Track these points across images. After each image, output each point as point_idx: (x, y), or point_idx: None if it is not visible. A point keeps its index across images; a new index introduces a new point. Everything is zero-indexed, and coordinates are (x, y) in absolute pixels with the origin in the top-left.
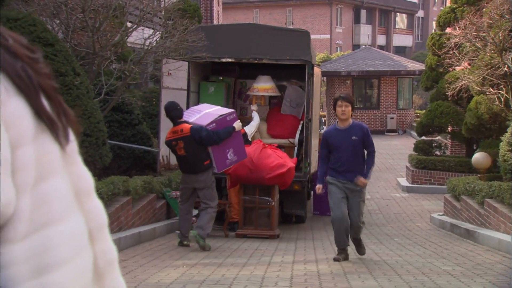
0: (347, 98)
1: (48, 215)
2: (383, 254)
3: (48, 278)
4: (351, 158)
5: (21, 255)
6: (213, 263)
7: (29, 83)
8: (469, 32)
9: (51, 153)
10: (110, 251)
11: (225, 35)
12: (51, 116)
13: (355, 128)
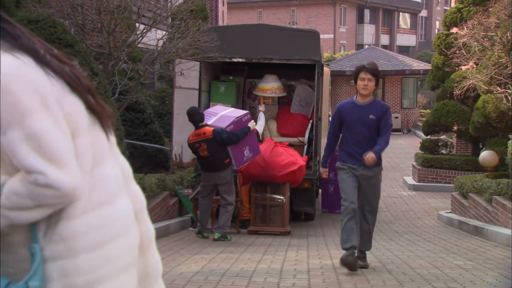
0: (372, 69)
1: (103, 196)
2: (394, 249)
3: (105, 250)
4: (366, 140)
5: (78, 230)
6: (230, 257)
7: (78, 82)
8: (477, 32)
9: (102, 142)
10: (150, 230)
11: (236, 36)
12: (99, 110)
13: (375, 106)
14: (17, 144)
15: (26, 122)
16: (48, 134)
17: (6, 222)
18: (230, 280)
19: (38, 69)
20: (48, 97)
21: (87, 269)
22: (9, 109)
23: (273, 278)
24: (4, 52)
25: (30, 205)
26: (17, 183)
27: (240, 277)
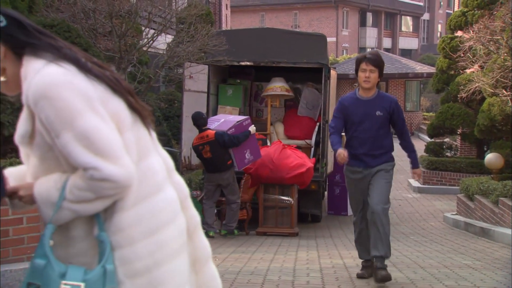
0: (374, 59)
1: (151, 186)
2: (402, 250)
3: (158, 236)
4: (373, 139)
5: (132, 220)
6: (243, 257)
7: (119, 85)
8: (483, 35)
9: (145, 137)
10: (195, 216)
11: (244, 39)
12: (139, 108)
13: (381, 100)
14: (71, 144)
15: (76, 123)
16: (97, 132)
17: (72, 214)
18: (245, 278)
19: (81, 75)
20: (92, 99)
21: (145, 254)
22: (59, 114)
23: (287, 277)
24: (49, 62)
25: (92, 197)
26: (78, 179)
27: (255, 275)
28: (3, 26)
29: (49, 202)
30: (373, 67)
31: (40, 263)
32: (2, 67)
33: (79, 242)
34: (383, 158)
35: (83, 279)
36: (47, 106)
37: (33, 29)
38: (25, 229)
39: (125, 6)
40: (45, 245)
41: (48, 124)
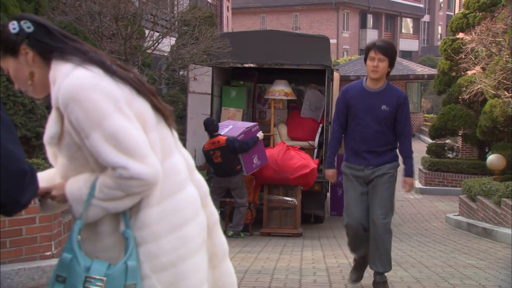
0: (384, 47)
1: (174, 185)
2: (406, 250)
3: (182, 231)
4: (375, 137)
5: (157, 216)
6: (249, 257)
7: (143, 86)
8: (485, 37)
9: (168, 137)
10: (214, 214)
11: (248, 41)
12: (162, 109)
13: (389, 94)
14: (100, 145)
15: (104, 124)
16: (124, 132)
17: (102, 212)
18: (253, 277)
19: (107, 77)
20: (119, 100)
21: (169, 249)
22: (88, 115)
23: (294, 275)
24: (77, 66)
25: (121, 195)
26: (107, 178)
27: (263, 274)
28: (31, 32)
29: (80, 201)
30: (383, 56)
31: (67, 256)
32: (31, 72)
33: (105, 237)
34: (387, 156)
35: (106, 274)
36: (77, 108)
37: (59, 34)
38: (38, 228)
39: (130, 9)
40: (73, 240)
41: (78, 125)
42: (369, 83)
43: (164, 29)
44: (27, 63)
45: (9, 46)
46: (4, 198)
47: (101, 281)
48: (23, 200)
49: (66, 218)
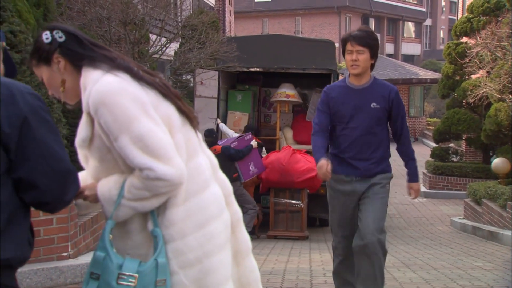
0: (361, 37)
1: (199, 183)
2: (413, 252)
3: (207, 229)
4: (367, 138)
5: (183, 214)
6: (258, 259)
7: (168, 90)
8: (490, 41)
9: (193, 138)
10: (238, 212)
11: (254, 46)
12: (187, 111)
13: (378, 89)
14: (128, 147)
15: (132, 128)
16: (151, 135)
17: (131, 211)
18: (265, 278)
19: (135, 82)
20: (146, 104)
21: (196, 246)
22: (117, 119)
23: (304, 276)
24: (106, 72)
25: (148, 195)
26: (135, 179)
27: (274, 275)
28: (63, 41)
29: (110, 201)
30: (361, 47)
31: (100, 255)
32: (62, 79)
33: (135, 235)
34: (379, 165)
35: (138, 271)
36: (106, 113)
37: (88, 43)
38: (55, 229)
39: (138, 14)
40: (106, 239)
41: (107, 129)
42: (352, 79)
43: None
44: (59, 71)
45: (43, 55)
46: (50, 196)
47: (133, 278)
48: (67, 197)
49: (82, 220)
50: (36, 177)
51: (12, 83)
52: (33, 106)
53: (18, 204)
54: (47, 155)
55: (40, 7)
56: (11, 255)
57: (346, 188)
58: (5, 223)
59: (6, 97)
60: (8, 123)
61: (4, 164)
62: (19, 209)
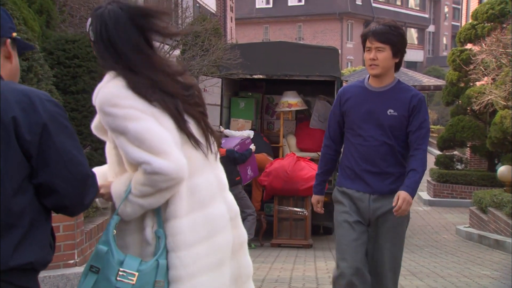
0: (382, 32)
1: (200, 200)
2: (418, 261)
3: (214, 240)
4: (382, 150)
5: (186, 226)
6: (263, 267)
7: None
8: (495, 48)
9: (195, 158)
10: (243, 235)
11: (257, 53)
12: (190, 132)
13: (398, 94)
14: (126, 145)
15: (129, 128)
16: (147, 132)
17: (140, 209)
18: (271, 286)
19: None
20: (146, 111)
21: (189, 262)
22: (116, 120)
23: (311, 284)
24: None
25: (151, 191)
26: (139, 175)
27: (280, 283)
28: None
29: (122, 199)
30: (381, 44)
31: (103, 249)
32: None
33: (127, 235)
34: (397, 182)
35: (138, 269)
36: (106, 113)
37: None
38: (62, 237)
39: None
40: (110, 233)
41: (108, 128)
42: (371, 81)
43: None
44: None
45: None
46: (70, 200)
47: (133, 276)
48: (86, 201)
49: (88, 227)
50: (56, 182)
51: (30, 90)
52: (52, 113)
53: (39, 209)
54: (67, 160)
55: (42, 14)
56: (35, 258)
57: (358, 204)
58: (27, 227)
59: (26, 105)
60: (29, 131)
61: (25, 171)
62: (41, 214)
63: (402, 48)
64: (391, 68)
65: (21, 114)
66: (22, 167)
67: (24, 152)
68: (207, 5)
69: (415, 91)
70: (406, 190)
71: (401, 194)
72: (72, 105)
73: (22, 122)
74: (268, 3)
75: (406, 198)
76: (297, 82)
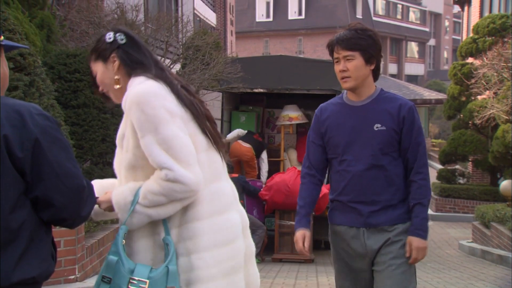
0: (347, 38)
1: (220, 205)
2: (421, 276)
3: (229, 247)
4: (371, 174)
5: (208, 228)
6: (265, 282)
7: (200, 111)
8: (496, 62)
9: (217, 161)
10: (252, 246)
11: (258, 67)
12: (214, 134)
13: (383, 105)
14: (152, 146)
15: (160, 129)
16: (176, 139)
17: (146, 218)
18: None
19: (173, 96)
20: (176, 114)
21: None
22: (147, 118)
23: None
24: (149, 78)
25: (164, 201)
26: (152, 182)
27: None
28: (123, 44)
29: (126, 209)
30: (349, 52)
31: (113, 259)
32: (117, 78)
33: (134, 242)
34: (396, 211)
35: (149, 277)
36: (138, 110)
37: (145, 50)
38: (63, 252)
39: (142, 35)
40: (119, 243)
41: (136, 125)
42: (349, 95)
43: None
44: (113, 69)
45: (102, 52)
46: (66, 212)
47: (144, 283)
48: (83, 212)
49: (89, 242)
50: (51, 196)
51: (21, 104)
52: (43, 127)
53: (38, 222)
54: (60, 173)
55: (43, 29)
56: (36, 272)
57: (353, 245)
58: (27, 242)
59: (17, 121)
60: (20, 148)
61: (21, 186)
62: (40, 227)
63: (375, 52)
64: (368, 77)
65: (11, 131)
66: (17, 184)
67: (17, 169)
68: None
69: (403, 99)
70: (417, 235)
71: (413, 243)
72: (73, 119)
73: (13, 139)
74: (268, 16)
75: (420, 246)
76: (298, 96)
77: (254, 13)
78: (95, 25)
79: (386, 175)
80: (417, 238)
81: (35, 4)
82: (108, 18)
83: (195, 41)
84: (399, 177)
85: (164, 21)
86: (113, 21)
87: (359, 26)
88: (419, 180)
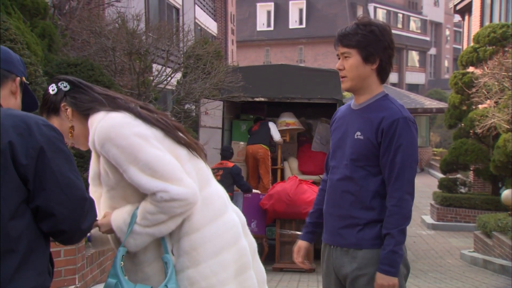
0: (346, 34)
1: (214, 211)
2: (423, 286)
3: (222, 257)
4: (342, 186)
5: (198, 242)
6: None
7: (169, 125)
8: (497, 72)
9: (203, 168)
10: (253, 242)
11: (259, 76)
12: (189, 142)
13: (371, 113)
14: (138, 176)
15: (139, 157)
16: (157, 161)
17: (148, 238)
18: None
19: (137, 120)
20: (149, 136)
21: (209, 274)
22: (123, 151)
23: None
24: (109, 111)
25: (164, 218)
26: (148, 205)
27: None
28: (67, 90)
29: (125, 230)
30: (346, 49)
31: (111, 281)
32: (71, 126)
33: (146, 266)
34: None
35: None
36: (112, 146)
37: (90, 89)
38: (63, 261)
39: (144, 44)
40: (117, 266)
41: (115, 162)
42: (355, 97)
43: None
44: (67, 118)
45: (51, 106)
46: (67, 224)
47: None
48: (84, 225)
49: (89, 252)
50: (53, 206)
51: (27, 115)
52: (48, 137)
53: (37, 233)
54: (63, 184)
55: (45, 38)
56: (33, 285)
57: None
58: (25, 252)
59: (23, 129)
60: (25, 155)
61: (22, 194)
62: (39, 238)
63: (377, 50)
64: (367, 79)
65: (17, 138)
66: (19, 191)
67: (20, 176)
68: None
69: (393, 111)
70: (381, 271)
71: (377, 280)
72: None
73: (18, 146)
74: (269, 25)
75: (384, 284)
76: (298, 105)
77: (255, 22)
78: (96, 34)
79: (356, 190)
80: (381, 275)
81: (36, 14)
82: (109, 28)
83: (196, 50)
84: (375, 196)
85: (165, 30)
86: (114, 30)
87: (364, 20)
88: (390, 206)
